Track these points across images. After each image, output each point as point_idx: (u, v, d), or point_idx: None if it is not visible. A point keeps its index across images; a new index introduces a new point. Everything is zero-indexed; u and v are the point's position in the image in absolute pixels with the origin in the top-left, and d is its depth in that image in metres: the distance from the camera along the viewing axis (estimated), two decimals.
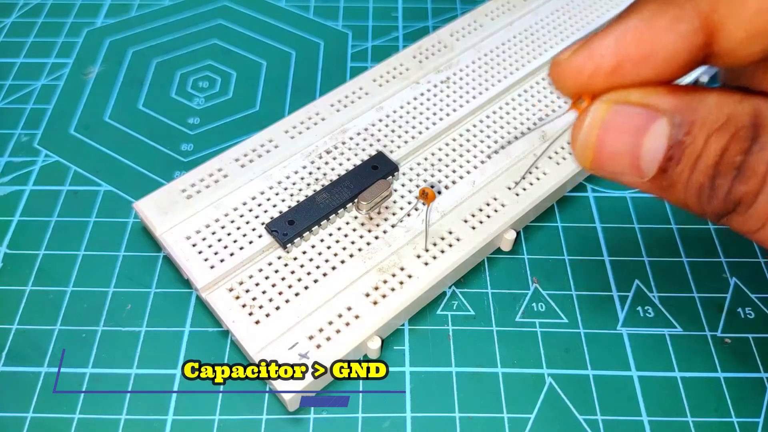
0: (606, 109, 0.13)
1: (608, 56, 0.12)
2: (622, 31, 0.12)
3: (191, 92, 0.27)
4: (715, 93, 0.12)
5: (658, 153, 0.13)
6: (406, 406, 0.19)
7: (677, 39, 0.12)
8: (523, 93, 0.25)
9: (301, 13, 0.30)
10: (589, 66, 0.13)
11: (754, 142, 0.12)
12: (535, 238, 0.22)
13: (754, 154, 0.12)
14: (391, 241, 0.20)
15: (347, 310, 0.19)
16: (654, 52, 0.12)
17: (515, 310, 0.20)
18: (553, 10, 0.28)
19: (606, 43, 0.12)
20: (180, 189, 0.21)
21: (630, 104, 0.13)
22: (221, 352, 0.19)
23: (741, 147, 0.12)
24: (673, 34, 0.12)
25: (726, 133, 0.12)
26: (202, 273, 0.20)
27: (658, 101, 0.12)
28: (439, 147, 0.23)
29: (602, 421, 0.18)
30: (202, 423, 0.18)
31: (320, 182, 0.22)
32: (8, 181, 0.23)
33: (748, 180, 0.12)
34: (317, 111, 0.24)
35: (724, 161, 0.12)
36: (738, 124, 0.12)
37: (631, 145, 0.13)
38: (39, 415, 0.18)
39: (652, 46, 0.12)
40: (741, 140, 0.12)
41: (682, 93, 0.12)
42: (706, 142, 0.12)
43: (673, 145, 0.13)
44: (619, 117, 0.13)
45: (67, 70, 0.27)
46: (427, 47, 0.26)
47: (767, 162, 0.12)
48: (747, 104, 0.12)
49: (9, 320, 0.20)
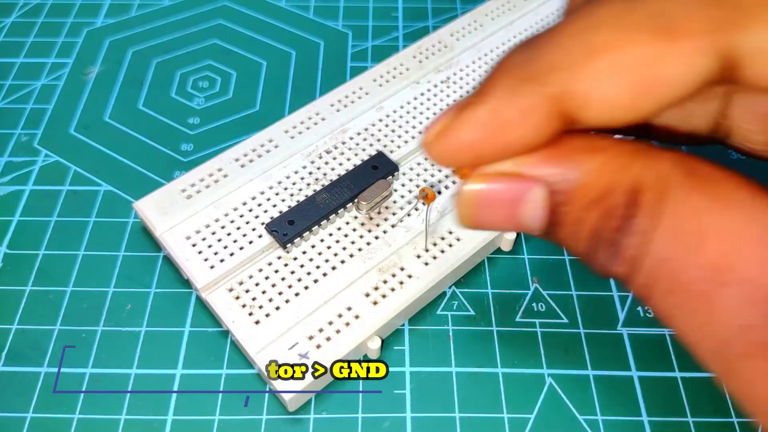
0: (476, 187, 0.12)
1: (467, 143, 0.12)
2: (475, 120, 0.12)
3: (191, 92, 0.27)
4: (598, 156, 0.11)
5: (538, 220, 0.12)
6: (406, 406, 0.18)
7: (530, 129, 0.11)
8: None
9: (301, 13, 0.30)
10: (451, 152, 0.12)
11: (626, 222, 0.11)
12: (535, 238, 0.22)
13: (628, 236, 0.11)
14: (391, 241, 0.20)
15: (347, 310, 0.19)
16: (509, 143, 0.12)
17: (515, 310, 0.20)
18: (553, 10, 0.28)
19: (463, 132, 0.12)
20: (180, 189, 0.21)
21: (502, 176, 0.12)
22: (221, 352, 0.19)
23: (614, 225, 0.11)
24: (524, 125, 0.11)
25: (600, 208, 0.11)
26: (202, 273, 0.20)
27: (531, 169, 0.12)
28: None
29: (602, 421, 0.18)
30: (202, 423, 0.18)
31: (320, 182, 0.22)
32: (8, 181, 0.23)
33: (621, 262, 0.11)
34: (317, 111, 0.24)
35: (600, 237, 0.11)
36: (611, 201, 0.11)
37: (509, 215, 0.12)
38: (39, 415, 0.18)
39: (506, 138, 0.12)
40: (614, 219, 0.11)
41: (559, 159, 0.12)
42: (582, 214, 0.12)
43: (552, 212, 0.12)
44: (492, 193, 0.12)
45: (67, 70, 0.27)
46: (427, 47, 0.26)
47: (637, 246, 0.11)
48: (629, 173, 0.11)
49: (9, 320, 0.20)
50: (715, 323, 0.10)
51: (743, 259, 0.10)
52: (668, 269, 0.11)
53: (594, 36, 0.10)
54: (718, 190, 0.10)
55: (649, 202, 0.11)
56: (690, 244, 0.10)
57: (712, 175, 0.11)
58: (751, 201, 0.10)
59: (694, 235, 0.10)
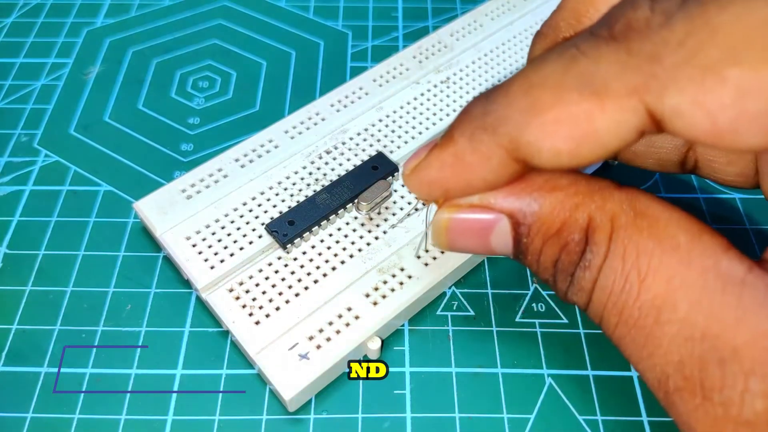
0: (448, 216, 0.14)
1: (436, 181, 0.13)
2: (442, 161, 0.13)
3: (191, 92, 0.27)
4: (556, 194, 0.12)
5: (507, 245, 0.13)
6: (406, 406, 0.19)
7: (489, 172, 0.13)
8: None
9: (301, 13, 0.30)
10: (423, 186, 0.14)
11: (582, 256, 0.12)
12: None
13: (581, 269, 0.12)
14: (391, 241, 0.20)
15: (347, 311, 0.19)
16: (472, 183, 0.13)
17: (515, 310, 0.20)
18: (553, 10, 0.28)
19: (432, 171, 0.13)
20: (180, 189, 0.21)
21: (470, 207, 0.13)
22: (221, 353, 0.19)
23: (570, 259, 0.12)
24: (484, 168, 0.12)
25: (558, 242, 0.12)
26: (202, 273, 0.20)
27: (497, 202, 0.13)
28: None
29: (602, 421, 0.18)
30: (202, 423, 0.18)
31: (320, 182, 0.22)
32: (8, 181, 0.23)
33: (577, 292, 0.13)
34: (317, 111, 0.24)
35: (559, 268, 0.13)
36: (567, 237, 0.12)
37: (480, 242, 0.14)
38: (39, 415, 0.18)
39: (468, 179, 0.13)
40: (570, 253, 0.12)
41: (522, 193, 0.13)
42: (542, 246, 0.13)
43: (516, 242, 0.13)
44: (462, 222, 0.13)
45: (67, 70, 0.27)
46: (427, 47, 0.26)
47: (593, 280, 0.12)
48: (583, 211, 0.12)
49: (9, 320, 0.20)
50: (655, 357, 0.11)
51: (679, 301, 0.11)
52: (614, 304, 0.12)
53: (536, 94, 0.11)
54: (662, 233, 0.11)
55: (599, 240, 0.12)
56: (633, 282, 0.11)
57: (658, 217, 0.12)
58: (689, 245, 0.11)
59: (637, 275, 0.11)
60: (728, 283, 0.11)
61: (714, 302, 0.11)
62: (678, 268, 0.11)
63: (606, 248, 0.12)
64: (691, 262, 0.11)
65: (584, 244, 0.12)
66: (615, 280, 0.12)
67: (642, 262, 0.11)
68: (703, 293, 0.11)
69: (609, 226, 0.12)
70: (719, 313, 0.11)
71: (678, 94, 0.10)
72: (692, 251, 0.11)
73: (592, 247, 0.12)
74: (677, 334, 0.11)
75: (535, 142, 0.11)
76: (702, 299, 0.11)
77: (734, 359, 0.10)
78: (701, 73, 0.10)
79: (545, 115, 0.11)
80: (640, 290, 0.11)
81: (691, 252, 0.11)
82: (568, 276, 0.13)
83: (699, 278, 0.11)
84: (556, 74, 0.11)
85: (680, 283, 0.11)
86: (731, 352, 0.10)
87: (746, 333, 0.10)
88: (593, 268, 0.12)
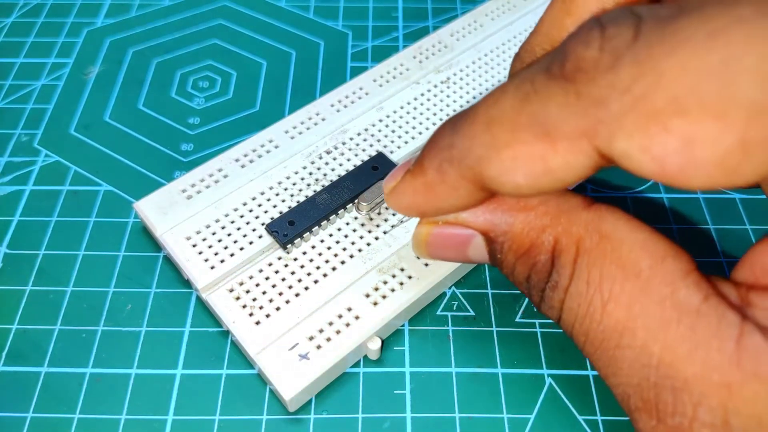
0: (426, 232, 0.14)
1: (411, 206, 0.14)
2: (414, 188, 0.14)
3: (191, 92, 0.27)
4: (525, 215, 0.13)
5: (484, 258, 0.14)
6: (406, 406, 0.19)
7: (459, 200, 0.13)
8: None
9: (301, 13, 0.30)
10: (400, 208, 0.14)
11: (550, 276, 0.13)
12: None
13: (550, 288, 0.13)
14: (391, 241, 0.20)
15: (347, 311, 0.19)
16: (444, 207, 0.14)
17: (515, 310, 0.20)
18: None
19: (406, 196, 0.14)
20: (180, 189, 0.21)
21: (446, 224, 0.14)
22: (221, 353, 0.19)
23: (540, 278, 0.13)
24: (453, 197, 0.13)
25: (528, 261, 0.13)
26: (202, 273, 0.20)
27: (471, 220, 0.14)
28: None
29: (602, 421, 0.18)
30: (202, 423, 0.18)
31: (320, 183, 0.22)
32: (8, 181, 0.23)
33: (548, 309, 0.13)
34: (317, 111, 0.24)
35: (530, 284, 0.13)
36: (536, 257, 0.13)
37: (458, 254, 0.14)
38: (39, 415, 0.18)
39: (440, 206, 0.14)
40: (539, 272, 0.13)
41: (495, 211, 0.13)
42: (514, 263, 0.13)
43: (491, 257, 0.14)
44: (440, 238, 0.14)
45: (67, 70, 0.27)
46: (428, 47, 0.26)
47: (560, 300, 0.12)
48: (550, 233, 0.13)
49: (9, 320, 0.20)
50: (619, 377, 0.12)
51: (638, 329, 0.11)
52: (580, 325, 0.12)
53: (495, 131, 0.12)
54: (625, 258, 0.12)
55: (564, 263, 0.12)
56: (596, 307, 0.12)
57: (623, 240, 0.12)
58: (650, 271, 0.12)
59: (600, 300, 0.12)
60: (683, 313, 0.11)
61: (669, 333, 0.11)
62: (638, 296, 0.11)
63: (571, 271, 0.12)
64: (650, 290, 0.11)
65: (551, 266, 0.13)
66: (580, 303, 0.12)
67: (605, 288, 0.12)
68: (660, 323, 0.11)
69: (574, 250, 0.12)
70: (673, 344, 0.11)
71: (625, 140, 0.10)
72: (652, 279, 0.11)
73: (558, 269, 0.12)
74: (636, 360, 0.11)
75: (497, 177, 0.12)
76: (658, 329, 0.11)
77: (685, 390, 0.11)
78: (646, 122, 0.10)
79: (503, 152, 0.12)
80: (602, 315, 0.12)
81: (651, 280, 0.11)
82: (539, 292, 0.13)
83: (657, 308, 0.11)
84: (513, 111, 0.12)
85: (639, 312, 0.11)
86: (683, 382, 0.11)
87: (697, 365, 0.11)
88: (560, 289, 0.12)
